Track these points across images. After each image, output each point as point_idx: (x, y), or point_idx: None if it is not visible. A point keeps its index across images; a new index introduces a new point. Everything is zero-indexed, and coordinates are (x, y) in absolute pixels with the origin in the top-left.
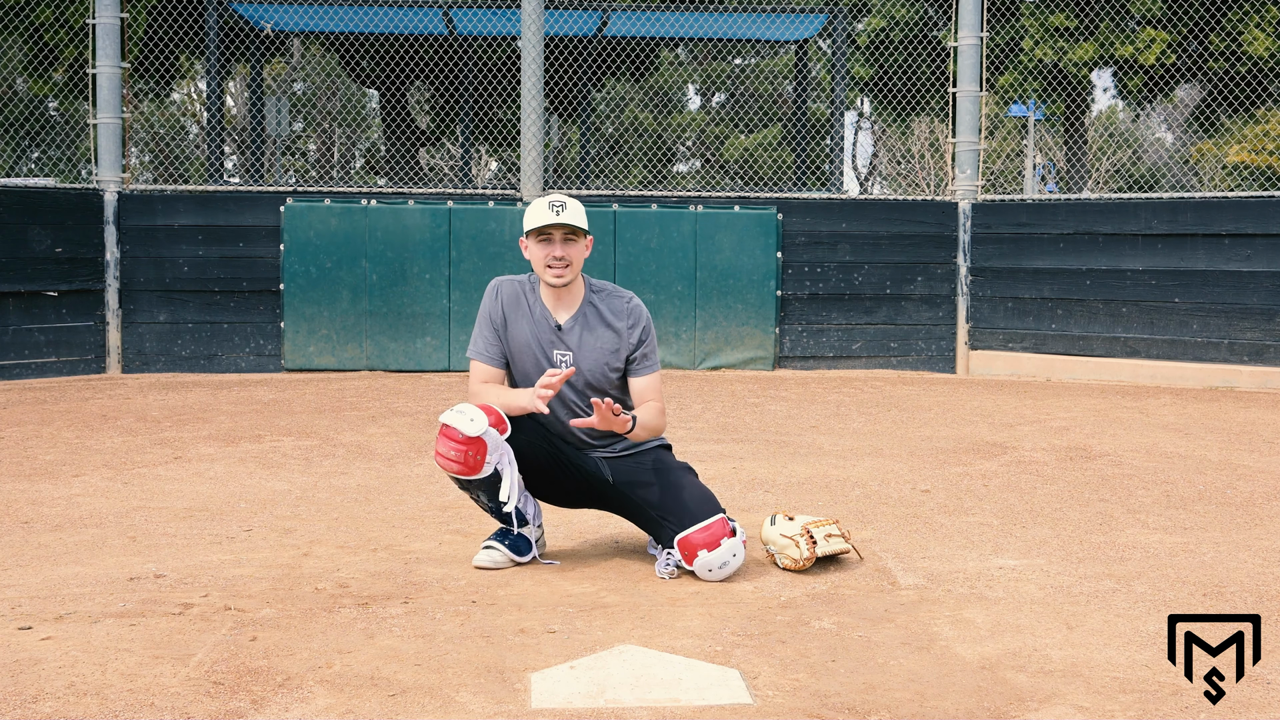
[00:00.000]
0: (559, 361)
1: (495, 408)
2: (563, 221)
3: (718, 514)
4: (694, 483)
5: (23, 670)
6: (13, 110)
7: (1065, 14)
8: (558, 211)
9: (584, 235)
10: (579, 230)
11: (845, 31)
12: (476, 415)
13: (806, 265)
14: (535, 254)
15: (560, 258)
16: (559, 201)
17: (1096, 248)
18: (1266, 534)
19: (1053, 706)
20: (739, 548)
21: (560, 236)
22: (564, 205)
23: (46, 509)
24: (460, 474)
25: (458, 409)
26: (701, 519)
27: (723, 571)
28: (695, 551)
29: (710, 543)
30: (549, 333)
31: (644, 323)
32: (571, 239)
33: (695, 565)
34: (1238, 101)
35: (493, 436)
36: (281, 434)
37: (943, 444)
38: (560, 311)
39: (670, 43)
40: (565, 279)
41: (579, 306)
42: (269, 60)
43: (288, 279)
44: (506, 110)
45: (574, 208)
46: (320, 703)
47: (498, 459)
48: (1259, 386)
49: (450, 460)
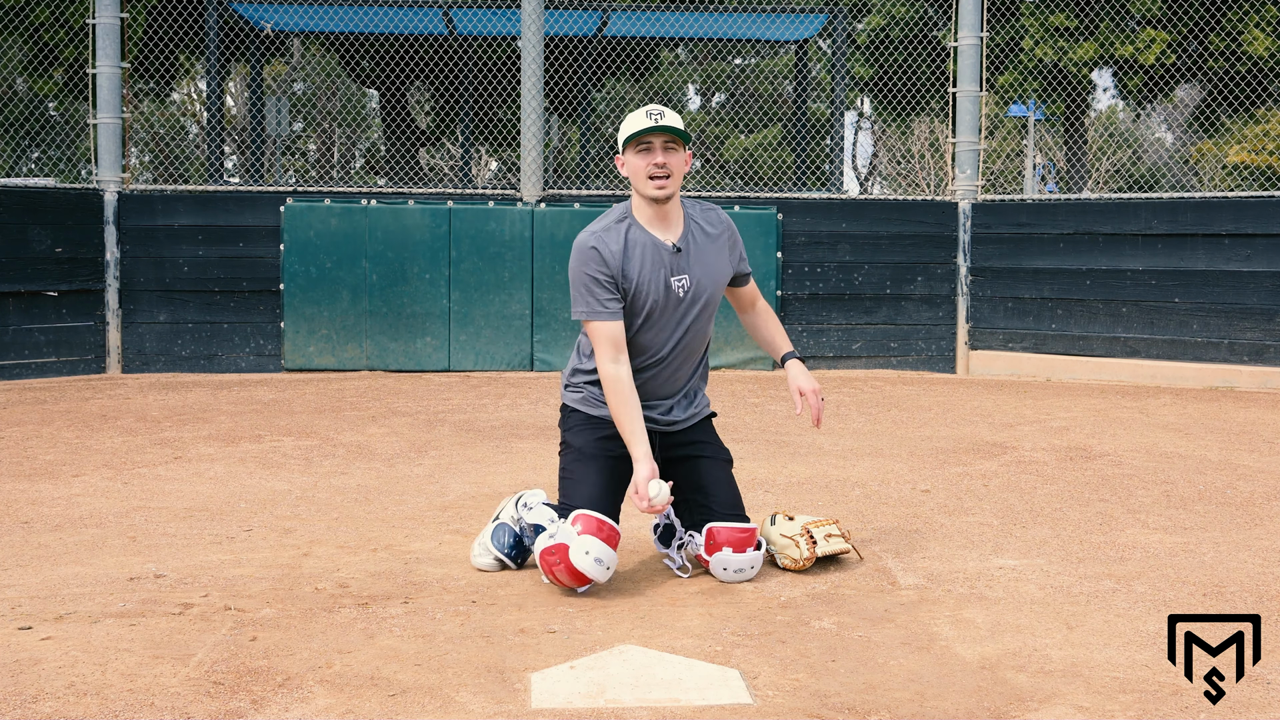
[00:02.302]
0: (677, 287)
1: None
2: (664, 125)
3: (750, 524)
4: (734, 481)
5: (23, 670)
6: (13, 110)
7: (1065, 14)
8: (655, 118)
9: (684, 146)
10: (679, 138)
11: (845, 31)
12: (612, 561)
13: (806, 265)
14: (635, 166)
15: (662, 165)
16: (656, 110)
17: (1096, 248)
18: (1266, 534)
19: (1053, 706)
20: (759, 560)
21: (661, 144)
22: (662, 113)
23: (46, 509)
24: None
25: (595, 556)
26: (738, 520)
27: (737, 575)
28: (721, 546)
29: (738, 545)
30: (667, 258)
31: (735, 229)
32: (672, 147)
33: (714, 557)
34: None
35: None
36: (281, 434)
37: (943, 444)
38: (668, 234)
39: (670, 43)
40: (668, 190)
41: (685, 225)
42: (269, 60)
43: (288, 279)
44: (506, 110)
45: (673, 114)
46: (320, 703)
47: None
48: (1259, 386)
49: (562, 584)
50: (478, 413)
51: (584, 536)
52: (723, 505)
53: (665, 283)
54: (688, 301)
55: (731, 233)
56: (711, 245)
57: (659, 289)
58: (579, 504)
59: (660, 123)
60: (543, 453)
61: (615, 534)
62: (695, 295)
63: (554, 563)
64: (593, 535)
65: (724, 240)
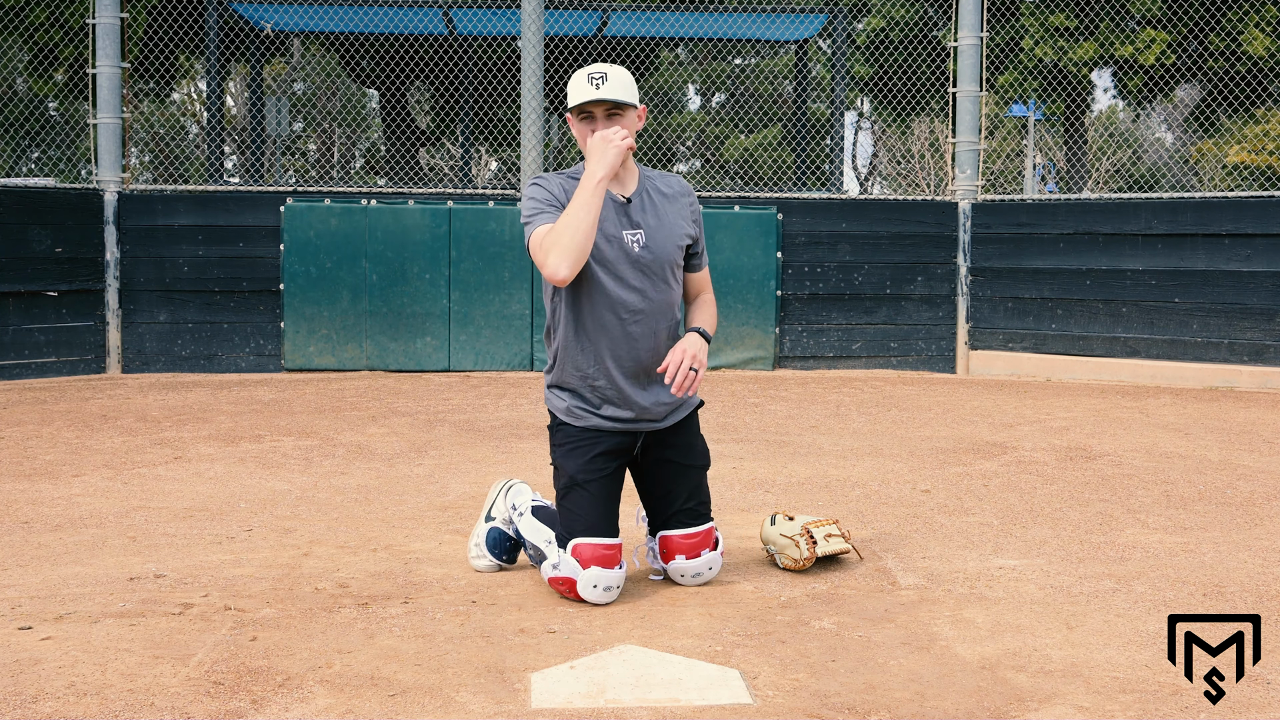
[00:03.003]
0: (631, 241)
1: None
2: (602, 97)
3: (707, 523)
4: (699, 484)
5: (23, 670)
6: (13, 110)
7: (1065, 14)
8: (597, 85)
9: (631, 108)
10: (623, 104)
11: (845, 31)
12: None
13: (806, 265)
14: (580, 131)
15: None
16: (598, 73)
17: (1096, 248)
18: (1266, 534)
19: (1053, 706)
20: (716, 560)
21: (602, 113)
22: (604, 76)
23: (46, 509)
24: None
25: (604, 585)
26: (691, 525)
27: (695, 580)
28: (674, 554)
29: (690, 551)
30: (615, 209)
31: (695, 199)
32: (616, 114)
33: (670, 566)
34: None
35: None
36: (281, 434)
37: (943, 444)
38: (620, 189)
39: (670, 43)
40: None
41: (639, 184)
42: (269, 60)
43: (288, 279)
44: (506, 110)
45: (616, 78)
46: (320, 703)
47: None
48: (1259, 386)
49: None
50: (478, 413)
51: (590, 570)
52: (679, 510)
53: (616, 235)
54: (646, 257)
55: (692, 200)
56: (669, 204)
57: (607, 240)
58: (578, 533)
59: (600, 92)
60: (542, 453)
61: (618, 551)
62: (652, 251)
63: (564, 591)
64: (597, 566)
65: (684, 203)
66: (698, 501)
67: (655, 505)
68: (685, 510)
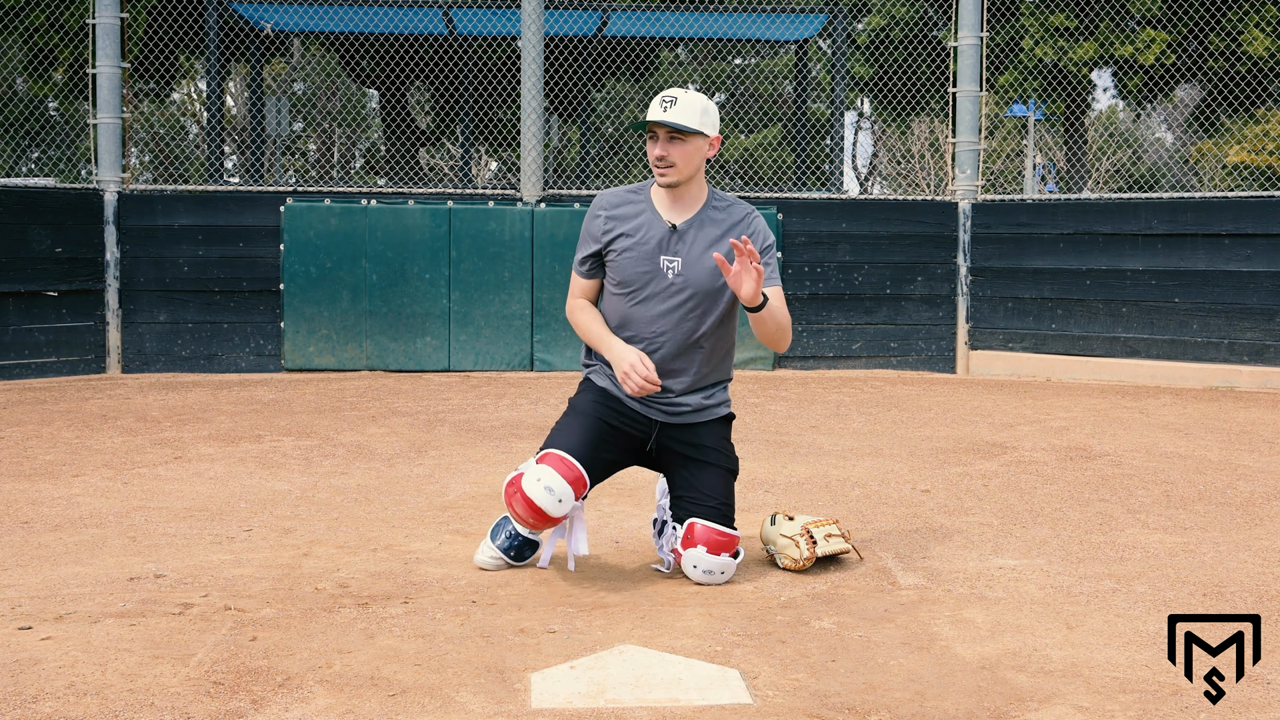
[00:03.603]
0: (666, 268)
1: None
2: (665, 120)
3: (735, 532)
4: (730, 490)
5: (23, 670)
6: (13, 110)
7: (1065, 14)
8: (665, 108)
9: (698, 135)
10: (686, 130)
11: (845, 31)
12: (565, 495)
13: (806, 265)
14: (649, 150)
15: (661, 158)
16: (670, 97)
17: (1096, 248)
18: (1266, 534)
19: (1053, 706)
20: (731, 568)
21: (665, 135)
22: (674, 101)
23: (46, 509)
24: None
25: (546, 484)
26: (722, 523)
27: (706, 577)
28: (696, 543)
29: (713, 547)
30: (663, 236)
31: (765, 232)
32: (678, 139)
33: (687, 553)
34: (1237, 101)
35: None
36: (281, 434)
37: (943, 444)
38: (675, 215)
39: (670, 43)
40: (669, 179)
41: (697, 210)
42: (269, 60)
43: (288, 279)
44: (506, 110)
45: (686, 103)
46: (320, 703)
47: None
48: (1259, 386)
49: (524, 521)
50: (478, 413)
51: (541, 466)
52: (711, 508)
53: (653, 257)
54: (677, 286)
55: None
56: (717, 234)
57: (646, 259)
58: (552, 445)
59: (665, 115)
60: None
61: (579, 476)
62: (684, 284)
63: (512, 494)
64: (550, 468)
65: (734, 233)
66: (727, 507)
67: (687, 498)
68: (719, 509)
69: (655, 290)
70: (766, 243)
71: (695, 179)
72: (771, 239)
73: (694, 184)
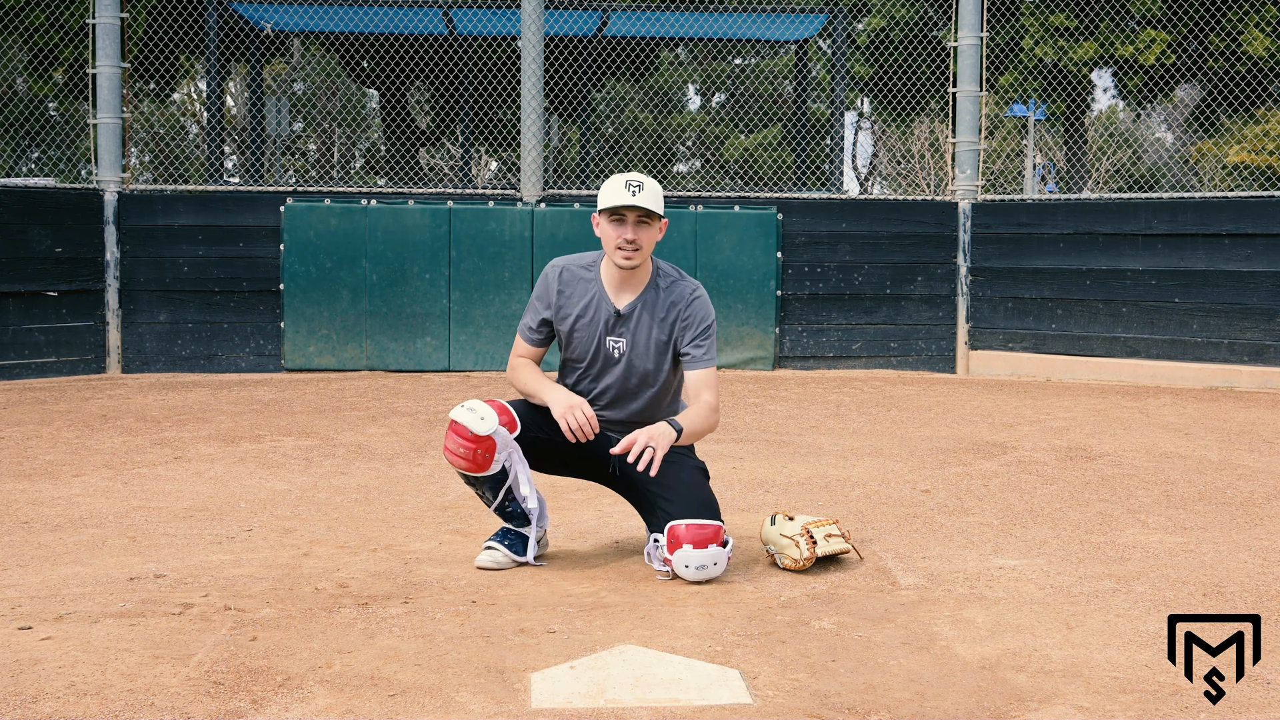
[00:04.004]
0: (613, 347)
1: (506, 405)
2: (637, 204)
3: (717, 521)
4: (702, 483)
5: (23, 670)
6: (13, 110)
7: (1065, 14)
8: (634, 192)
9: (658, 219)
10: (654, 214)
11: (845, 31)
12: (487, 414)
13: (806, 265)
14: (607, 233)
15: (631, 240)
16: (636, 181)
17: (1096, 248)
18: (1266, 534)
19: (1053, 706)
20: (722, 558)
21: (634, 218)
22: (641, 186)
23: (46, 509)
24: (467, 470)
25: (468, 405)
26: (699, 517)
27: (699, 573)
28: (680, 543)
29: (698, 541)
30: (608, 317)
31: (702, 316)
32: (645, 222)
33: (674, 555)
34: (1237, 101)
35: (502, 435)
36: (281, 434)
37: (943, 444)
38: (622, 296)
39: (670, 43)
40: (634, 262)
41: (642, 291)
42: (269, 60)
43: (288, 279)
44: (506, 110)
45: (651, 189)
46: (320, 703)
47: (505, 457)
48: (1259, 386)
49: (458, 457)
50: None
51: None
52: (685, 504)
53: (599, 338)
54: (624, 365)
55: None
56: (661, 321)
57: (593, 341)
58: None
59: (635, 199)
60: None
61: (504, 408)
62: (630, 362)
63: (446, 439)
64: (482, 400)
65: (674, 314)
66: (704, 499)
67: (659, 502)
68: (691, 506)
69: (604, 366)
70: (705, 324)
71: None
72: (711, 319)
73: (644, 264)
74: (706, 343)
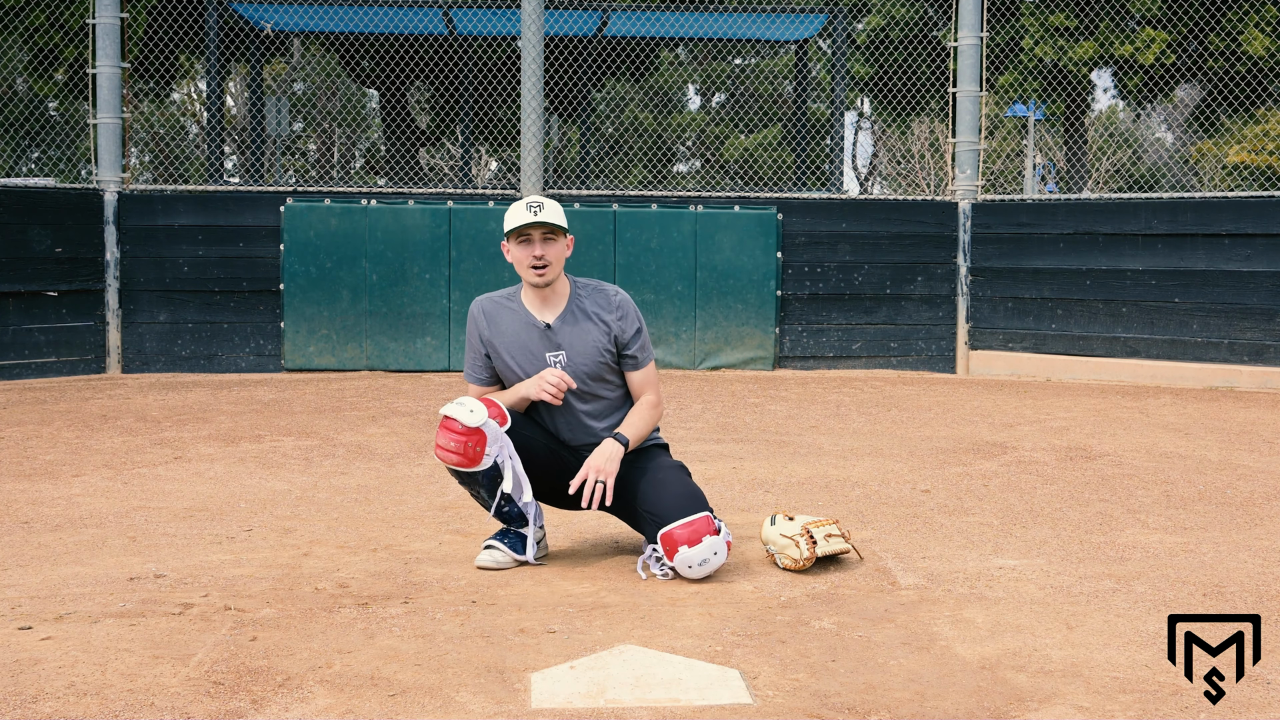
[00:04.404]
0: (553, 361)
1: (496, 401)
2: (540, 220)
3: (703, 511)
4: (682, 480)
5: (23, 670)
6: (13, 110)
7: (1065, 14)
8: (535, 211)
9: (564, 234)
10: (558, 229)
11: (845, 31)
12: (477, 407)
13: (806, 265)
14: (517, 255)
15: (540, 257)
16: (536, 202)
17: (1096, 248)
18: (1266, 534)
19: (1053, 706)
20: (720, 546)
21: (539, 236)
22: (541, 205)
23: (46, 509)
24: (459, 466)
25: (458, 401)
26: (685, 515)
27: (703, 569)
28: (676, 546)
29: (691, 539)
30: (539, 335)
31: (632, 313)
32: (551, 238)
33: (675, 560)
34: (1237, 101)
35: (492, 428)
36: (281, 434)
37: (943, 444)
38: (547, 313)
39: (670, 43)
40: (547, 278)
41: (565, 305)
42: (269, 60)
43: (288, 279)
44: (506, 110)
45: (551, 207)
46: (320, 703)
47: (497, 451)
48: (1259, 386)
49: (450, 452)
50: None
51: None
52: (669, 507)
53: (537, 356)
54: (569, 374)
55: (627, 318)
56: (592, 326)
57: (530, 361)
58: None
59: (538, 217)
60: None
61: (494, 402)
62: (574, 371)
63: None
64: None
65: (611, 322)
66: (685, 493)
67: (645, 512)
68: (677, 506)
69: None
70: (637, 324)
71: (560, 276)
72: (639, 317)
73: (560, 281)
74: (641, 340)
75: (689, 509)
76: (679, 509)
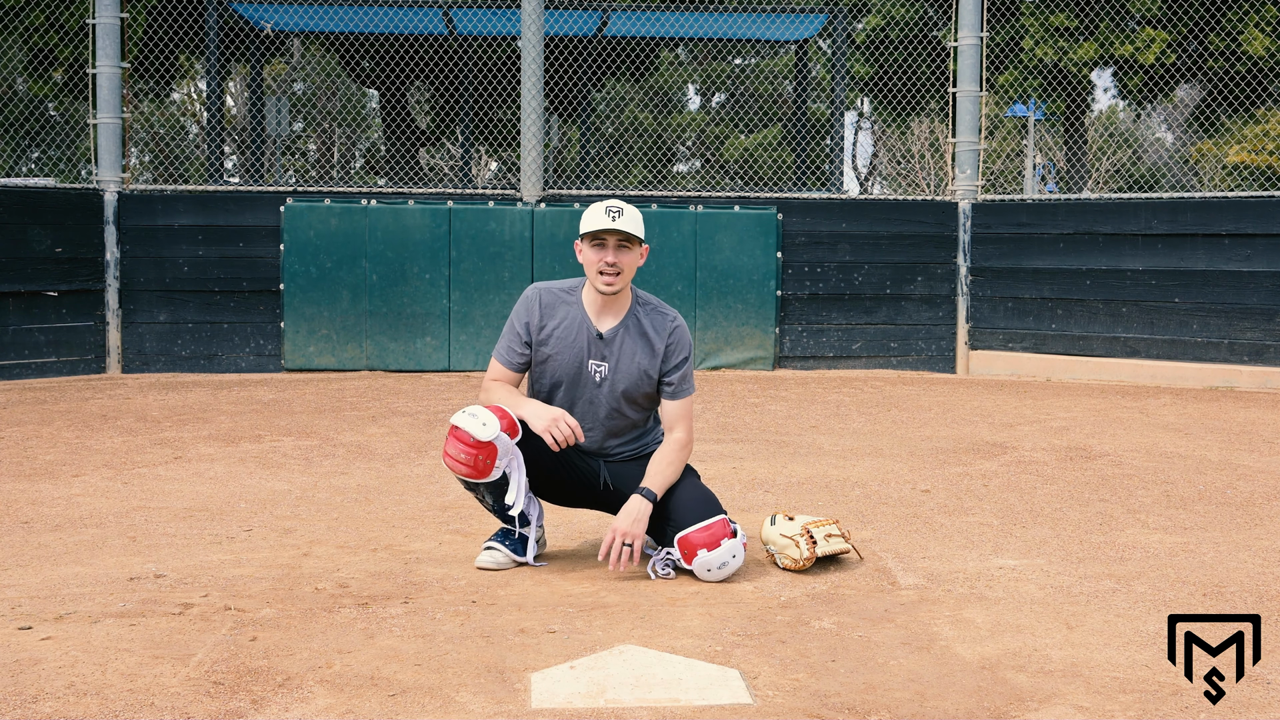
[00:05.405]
0: (594, 371)
1: (507, 410)
2: (618, 228)
3: (719, 515)
4: (695, 483)
5: (23, 670)
6: (13, 110)
7: (1065, 14)
8: (614, 217)
9: (639, 244)
10: (634, 238)
11: (845, 31)
12: (489, 420)
13: (806, 265)
14: (589, 258)
15: (612, 264)
16: (616, 207)
17: (1096, 248)
18: (1266, 534)
19: (1053, 706)
20: (739, 549)
21: (614, 243)
22: (621, 211)
23: (46, 509)
24: (469, 477)
25: (470, 411)
26: (703, 519)
27: (721, 572)
28: (695, 550)
29: (710, 542)
30: (590, 341)
31: (683, 345)
32: (626, 246)
33: (694, 564)
34: (1237, 101)
35: (504, 442)
36: (281, 434)
37: (943, 444)
38: (604, 320)
39: (670, 43)
40: (615, 287)
41: (623, 317)
42: (269, 60)
43: (288, 279)
44: (506, 110)
45: (631, 214)
46: (320, 703)
47: (506, 463)
48: (1259, 386)
49: (459, 463)
50: None
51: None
52: (686, 513)
53: (581, 362)
54: (605, 390)
55: (677, 349)
56: (644, 346)
57: (572, 364)
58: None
59: (616, 223)
60: None
61: (505, 413)
62: (612, 386)
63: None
64: (484, 406)
65: (659, 349)
66: (700, 498)
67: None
68: (693, 510)
69: (581, 392)
70: (685, 354)
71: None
72: (689, 349)
73: (625, 290)
74: (684, 370)
75: (705, 513)
76: (695, 513)
